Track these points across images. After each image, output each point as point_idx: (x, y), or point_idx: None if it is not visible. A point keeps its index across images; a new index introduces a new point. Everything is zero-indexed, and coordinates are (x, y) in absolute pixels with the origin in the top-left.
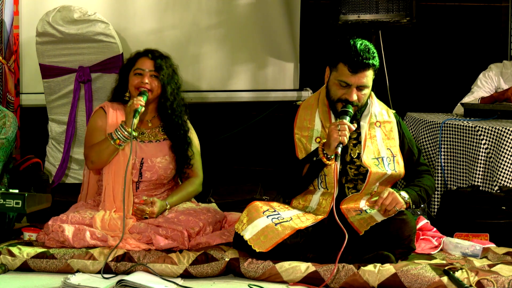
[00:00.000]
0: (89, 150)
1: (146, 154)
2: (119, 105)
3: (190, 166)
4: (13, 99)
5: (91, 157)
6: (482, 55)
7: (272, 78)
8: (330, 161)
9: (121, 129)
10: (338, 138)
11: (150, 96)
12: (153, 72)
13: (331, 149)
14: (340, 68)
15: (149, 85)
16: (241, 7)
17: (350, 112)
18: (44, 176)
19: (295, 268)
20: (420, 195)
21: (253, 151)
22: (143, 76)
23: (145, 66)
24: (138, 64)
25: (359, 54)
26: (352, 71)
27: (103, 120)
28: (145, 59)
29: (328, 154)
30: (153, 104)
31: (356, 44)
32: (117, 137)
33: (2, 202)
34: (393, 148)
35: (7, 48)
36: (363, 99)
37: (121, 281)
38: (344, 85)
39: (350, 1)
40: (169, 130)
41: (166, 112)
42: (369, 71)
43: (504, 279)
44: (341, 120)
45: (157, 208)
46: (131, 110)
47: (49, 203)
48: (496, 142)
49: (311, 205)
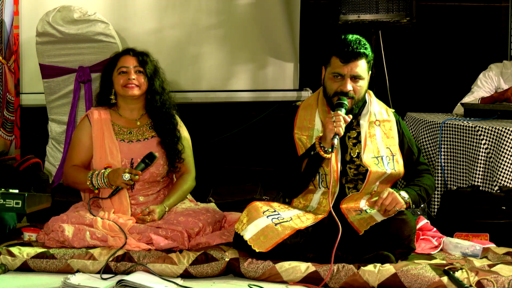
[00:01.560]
0: (67, 174)
1: (135, 154)
2: (105, 110)
3: (181, 160)
4: (13, 99)
5: (68, 182)
6: (482, 55)
7: (272, 78)
8: (327, 154)
9: (102, 180)
10: (333, 129)
11: (138, 90)
12: (138, 67)
13: (327, 141)
14: (332, 61)
15: (136, 80)
16: (241, 7)
17: (346, 105)
18: (44, 176)
19: (295, 268)
20: (420, 194)
21: (253, 151)
22: (128, 73)
23: (128, 63)
24: (121, 62)
25: (349, 44)
26: (344, 61)
27: (87, 132)
28: (127, 57)
29: (325, 147)
30: (140, 101)
31: (347, 37)
32: (97, 185)
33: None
34: (393, 147)
35: (7, 48)
36: (359, 92)
37: (121, 281)
38: (338, 77)
39: (350, 1)
40: (158, 125)
41: (155, 106)
42: (361, 61)
43: (504, 279)
44: (336, 112)
45: (157, 215)
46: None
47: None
48: (496, 142)
49: (312, 204)
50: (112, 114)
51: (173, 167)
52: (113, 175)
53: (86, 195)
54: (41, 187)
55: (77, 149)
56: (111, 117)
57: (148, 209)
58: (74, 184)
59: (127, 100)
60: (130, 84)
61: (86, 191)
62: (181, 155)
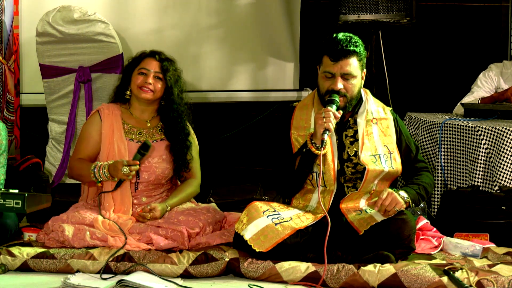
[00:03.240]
0: (72, 167)
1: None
2: (116, 106)
3: (188, 170)
4: (13, 99)
5: (73, 175)
6: (482, 55)
7: (272, 78)
8: (318, 150)
9: (104, 173)
10: (323, 124)
11: (152, 95)
12: (158, 73)
13: (318, 136)
14: (324, 60)
15: (152, 86)
16: (241, 7)
17: (336, 102)
18: (44, 176)
19: (295, 268)
20: (420, 193)
21: (253, 151)
22: (147, 76)
23: (150, 67)
24: (144, 64)
25: (339, 42)
26: (334, 60)
27: (97, 128)
28: (151, 60)
29: (316, 143)
30: (153, 105)
31: (337, 35)
32: (100, 178)
33: (2, 202)
34: (390, 145)
35: (7, 48)
36: (352, 90)
37: (121, 281)
38: (329, 75)
39: (350, 1)
40: (170, 133)
41: (169, 115)
42: (352, 59)
43: (504, 279)
44: (326, 108)
45: (158, 212)
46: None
47: (49, 203)
48: (496, 142)
49: (311, 204)
50: (123, 112)
51: (179, 175)
52: (113, 169)
53: (85, 189)
54: (41, 187)
55: (85, 143)
56: (122, 115)
57: (150, 206)
58: (79, 176)
59: (140, 101)
60: (145, 87)
61: (91, 184)
62: (188, 164)
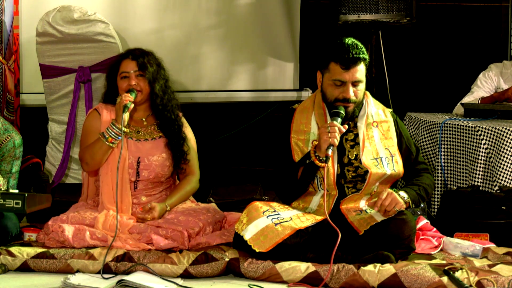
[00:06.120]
0: (83, 152)
1: (142, 153)
2: (112, 106)
3: (186, 162)
4: (13, 99)
5: (86, 159)
6: (482, 55)
7: (272, 78)
8: (322, 163)
9: (112, 126)
10: (328, 140)
11: (140, 96)
12: (138, 72)
13: (322, 151)
14: (332, 67)
15: (137, 85)
16: (241, 7)
17: (342, 114)
18: (44, 176)
19: (295, 268)
20: (420, 194)
21: (253, 151)
22: (129, 79)
23: (129, 68)
24: (122, 67)
25: (349, 50)
26: (345, 68)
27: (97, 122)
28: (127, 61)
29: (320, 156)
30: (146, 103)
31: (344, 41)
32: (109, 135)
33: (2, 202)
34: (391, 147)
35: (7, 48)
36: (359, 95)
37: (121, 281)
38: (339, 83)
39: (350, 1)
40: (164, 127)
41: (158, 109)
42: (361, 65)
43: (504, 279)
44: (331, 122)
45: (157, 212)
46: (120, 106)
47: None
48: (496, 142)
49: (311, 206)
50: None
51: (178, 168)
52: (117, 104)
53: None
54: (41, 187)
55: (90, 135)
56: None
57: (149, 205)
58: (93, 155)
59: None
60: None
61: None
62: (186, 156)
